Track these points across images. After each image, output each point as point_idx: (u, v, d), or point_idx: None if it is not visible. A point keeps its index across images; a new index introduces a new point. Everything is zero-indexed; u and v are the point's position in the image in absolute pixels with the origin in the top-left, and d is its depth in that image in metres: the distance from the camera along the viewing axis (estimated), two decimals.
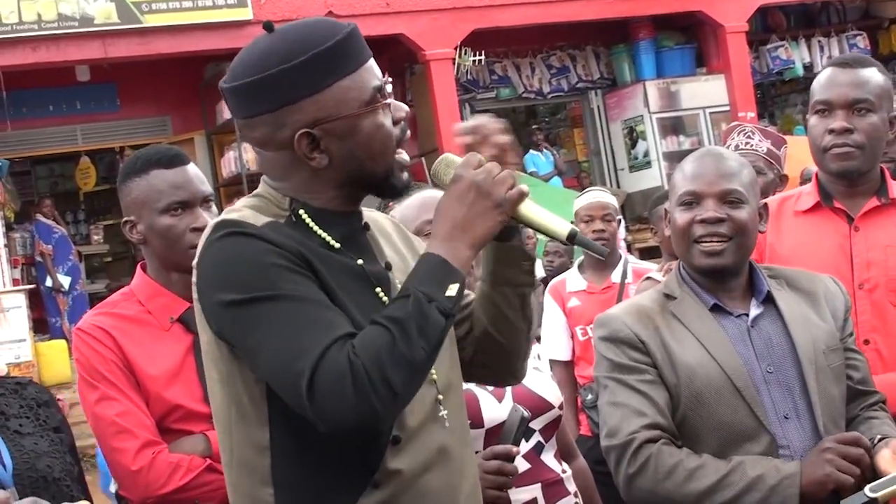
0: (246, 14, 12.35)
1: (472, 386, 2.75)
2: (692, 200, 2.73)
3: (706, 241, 2.70)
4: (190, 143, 13.49)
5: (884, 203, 3.25)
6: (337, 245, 2.09)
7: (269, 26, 2.10)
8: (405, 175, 2.15)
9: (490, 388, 2.80)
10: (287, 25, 2.10)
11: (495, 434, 2.76)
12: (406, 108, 2.15)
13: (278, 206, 2.11)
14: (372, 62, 2.11)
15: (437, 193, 2.25)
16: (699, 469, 2.56)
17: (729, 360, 2.63)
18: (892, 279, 3.17)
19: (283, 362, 1.93)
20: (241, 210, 2.09)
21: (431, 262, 2.00)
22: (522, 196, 2.07)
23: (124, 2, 12.02)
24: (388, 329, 1.92)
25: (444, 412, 2.12)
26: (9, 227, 13.77)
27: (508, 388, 2.81)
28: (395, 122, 2.12)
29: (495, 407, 2.78)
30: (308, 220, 2.09)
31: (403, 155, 2.14)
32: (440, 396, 2.13)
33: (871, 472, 2.55)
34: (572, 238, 2.07)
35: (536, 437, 2.86)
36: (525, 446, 2.80)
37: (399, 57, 13.83)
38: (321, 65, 2.03)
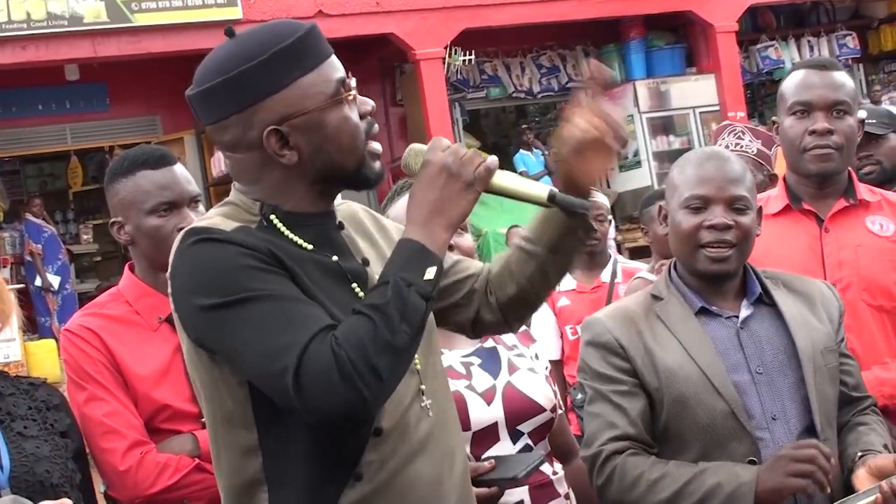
0: (236, 13, 12.34)
1: (460, 388, 2.75)
2: (700, 205, 2.71)
3: (714, 248, 2.69)
4: (180, 143, 13.46)
5: (852, 204, 3.30)
6: (309, 246, 2.10)
7: (230, 32, 2.14)
8: (377, 164, 2.17)
9: (479, 390, 2.79)
10: (247, 29, 2.13)
11: (482, 437, 2.75)
12: (371, 102, 2.18)
13: (249, 212, 2.12)
14: (333, 58, 2.13)
15: None
16: (660, 480, 2.58)
17: (709, 362, 2.64)
18: (863, 278, 3.22)
19: (266, 361, 1.94)
20: (211, 218, 2.11)
21: (409, 248, 2.01)
22: (490, 172, 2.08)
23: (114, 1, 12.00)
24: (369, 317, 1.93)
25: (427, 402, 2.14)
26: None
27: (499, 391, 2.80)
28: (362, 116, 2.14)
29: (483, 409, 2.77)
30: (279, 224, 2.10)
31: (375, 145, 2.16)
32: (423, 386, 2.14)
33: (845, 491, 2.58)
34: (553, 199, 2.10)
35: (525, 440, 2.85)
36: (513, 448, 2.79)
37: (389, 56, 13.83)
38: (283, 62, 2.06)
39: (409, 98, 13.88)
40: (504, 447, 2.77)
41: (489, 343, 2.90)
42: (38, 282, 13.38)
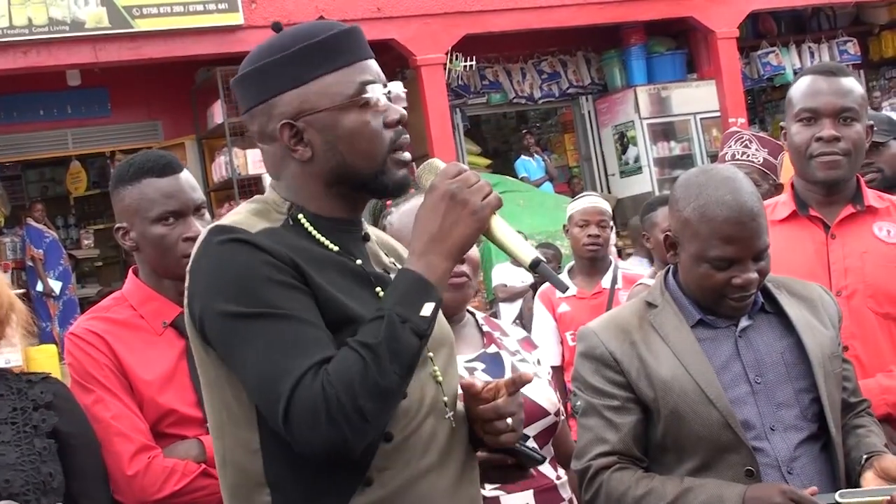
0: (237, 19, 12.34)
1: None
2: (726, 266, 2.63)
3: (736, 302, 2.65)
4: (181, 148, 13.47)
5: (859, 210, 3.27)
6: (335, 248, 2.10)
7: (277, 27, 2.17)
8: (401, 173, 2.15)
9: None
10: (295, 26, 2.16)
11: None
12: (402, 111, 2.16)
13: (277, 211, 2.13)
14: (369, 63, 2.14)
15: None
16: (646, 496, 2.57)
17: (702, 372, 2.61)
18: (869, 285, 3.19)
19: (263, 383, 1.96)
20: (239, 214, 2.11)
21: (407, 280, 2.00)
22: (500, 201, 2.06)
23: (115, 6, 12.00)
24: (360, 356, 1.93)
25: (450, 414, 2.13)
26: None
27: None
28: (388, 125, 2.13)
29: None
30: (306, 224, 2.10)
31: (404, 154, 2.16)
32: (445, 399, 2.13)
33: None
34: (535, 266, 2.06)
35: (531, 444, 2.85)
36: None
37: (390, 62, 13.81)
38: (307, 58, 2.08)
39: (410, 104, 13.63)
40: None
41: (492, 348, 2.91)
42: (39, 287, 13.38)
